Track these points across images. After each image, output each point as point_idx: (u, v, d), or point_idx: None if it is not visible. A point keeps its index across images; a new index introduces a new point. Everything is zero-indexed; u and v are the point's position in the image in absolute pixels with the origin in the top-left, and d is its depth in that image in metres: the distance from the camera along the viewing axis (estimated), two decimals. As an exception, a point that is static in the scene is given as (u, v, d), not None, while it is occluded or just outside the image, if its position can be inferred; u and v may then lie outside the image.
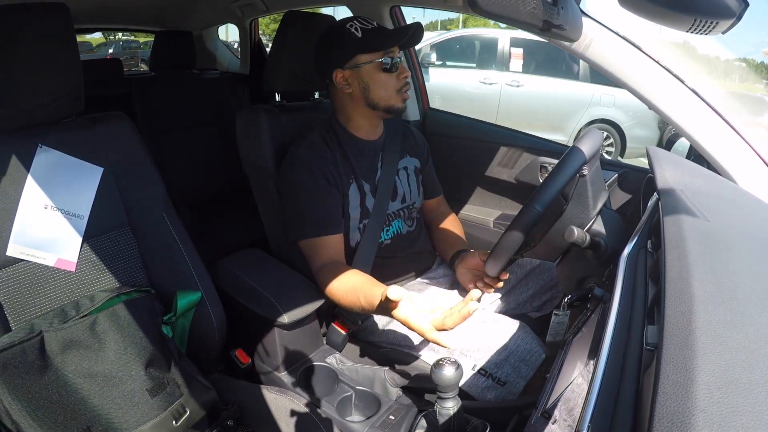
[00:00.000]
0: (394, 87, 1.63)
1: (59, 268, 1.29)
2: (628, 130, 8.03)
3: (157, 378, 1.25)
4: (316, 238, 1.59)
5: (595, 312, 1.07)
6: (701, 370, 0.49)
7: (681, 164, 1.45)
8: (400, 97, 1.65)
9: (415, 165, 1.90)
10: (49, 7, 1.25)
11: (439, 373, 1.05)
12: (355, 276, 1.48)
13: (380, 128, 1.80)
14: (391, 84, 1.63)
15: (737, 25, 1.00)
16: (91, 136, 1.41)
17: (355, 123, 1.72)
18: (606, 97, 7.95)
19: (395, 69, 1.62)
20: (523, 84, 8.13)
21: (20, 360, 1.08)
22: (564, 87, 8.15)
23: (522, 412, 1.21)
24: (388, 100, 1.64)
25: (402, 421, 1.39)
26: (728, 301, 0.63)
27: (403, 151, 1.87)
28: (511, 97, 8.13)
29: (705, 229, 0.91)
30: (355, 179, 1.69)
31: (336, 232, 1.62)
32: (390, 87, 1.63)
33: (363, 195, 1.70)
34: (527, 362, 1.44)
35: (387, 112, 1.67)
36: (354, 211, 1.68)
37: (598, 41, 1.56)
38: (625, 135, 8.03)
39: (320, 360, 1.63)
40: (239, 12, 3.27)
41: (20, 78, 1.23)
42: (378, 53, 1.59)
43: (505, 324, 1.55)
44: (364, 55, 1.60)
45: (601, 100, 8.00)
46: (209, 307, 1.46)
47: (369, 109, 1.67)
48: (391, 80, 1.62)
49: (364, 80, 1.62)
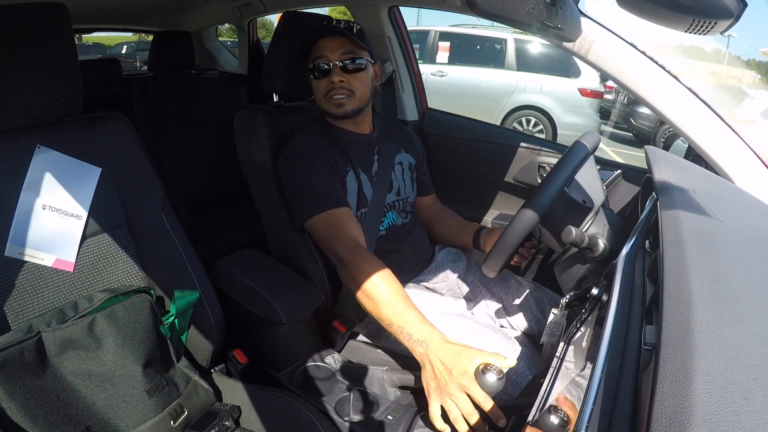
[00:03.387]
0: (322, 92, 1.67)
1: (57, 268, 1.29)
2: (558, 117, 8.42)
3: (155, 378, 1.26)
4: (329, 212, 1.55)
5: (594, 312, 1.07)
6: (699, 370, 0.49)
7: (679, 164, 1.46)
8: (330, 102, 1.66)
9: (410, 162, 1.91)
10: (48, 8, 1.25)
11: (482, 378, 1.12)
12: (399, 286, 1.39)
13: (366, 124, 1.81)
14: (319, 89, 1.67)
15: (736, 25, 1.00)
16: (90, 137, 1.41)
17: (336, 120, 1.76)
18: (532, 84, 8.46)
19: (321, 75, 1.65)
20: (447, 74, 8.76)
21: (18, 360, 1.08)
22: (489, 75, 8.73)
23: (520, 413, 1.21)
24: (321, 105, 1.70)
25: (400, 421, 1.39)
26: (726, 300, 0.63)
27: (399, 147, 1.88)
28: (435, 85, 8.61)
29: (703, 228, 0.91)
30: (351, 168, 1.70)
31: (346, 205, 1.59)
32: (318, 92, 1.68)
33: (360, 184, 1.70)
34: (513, 382, 1.43)
35: (331, 117, 1.72)
36: (351, 198, 1.68)
37: (599, 43, 1.57)
38: (555, 121, 8.44)
39: (318, 360, 1.63)
40: (237, 12, 3.26)
41: (19, 78, 1.23)
42: (309, 58, 1.66)
43: (494, 339, 1.54)
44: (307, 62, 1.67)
45: (526, 86, 8.51)
46: (207, 307, 1.46)
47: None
48: (320, 85, 1.67)
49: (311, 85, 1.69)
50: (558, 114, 8.41)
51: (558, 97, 8.39)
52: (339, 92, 1.64)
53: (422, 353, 1.24)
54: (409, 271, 1.84)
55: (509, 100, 8.62)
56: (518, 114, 8.64)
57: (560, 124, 8.40)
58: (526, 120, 8.62)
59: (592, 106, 8.36)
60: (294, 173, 1.62)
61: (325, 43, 1.63)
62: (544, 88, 8.42)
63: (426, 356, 1.23)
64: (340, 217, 1.55)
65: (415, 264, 1.88)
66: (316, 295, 1.61)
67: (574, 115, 8.36)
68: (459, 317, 1.64)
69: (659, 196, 1.12)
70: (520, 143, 2.34)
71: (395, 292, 1.35)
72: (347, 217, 1.56)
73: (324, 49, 1.62)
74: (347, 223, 1.55)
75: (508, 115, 8.68)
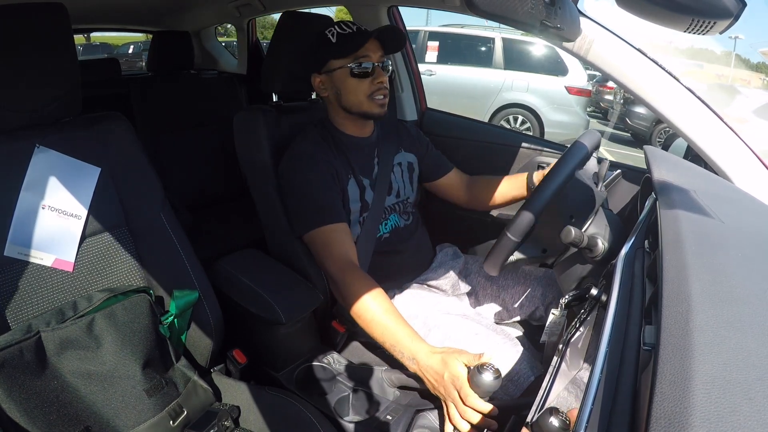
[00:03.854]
0: (365, 92, 1.64)
1: (57, 268, 1.29)
2: (545, 114, 8.51)
3: (155, 378, 1.26)
4: (324, 227, 1.58)
5: (593, 312, 1.07)
6: (698, 370, 0.49)
7: (678, 164, 1.46)
8: (374, 102, 1.66)
9: (410, 161, 1.91)
10: (47, 8, 1.25)
11: (478, 378, 1.14)
12: (389, 304, 1.44)
13: (369, 127, 1.81)
14: (361, 89, 1.64)
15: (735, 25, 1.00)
16: (89, 137, 1.41)
17: (341, 123, 1.75)
18: (519, 83, 8.57)
19: (367, 74, 1.63)
20: (435, 72, 8.86)
21: (17, 360, 1.08)
22: (476, 74, 8.83)
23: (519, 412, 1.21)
24: (360, 106, 1.67)
25: (399, 420, 1.39)
26: (726, 300, 0.63)
27: (399, 147, 1.89)
28: (424, 84, 8.61)
29: (702, 228, 0.91)
30: (353, 174, 1.70)
31: (342, 220, 1.61)
32: (360, 92, 1.65)
33: (362, 189, 1.71)
34: (515, 382, 1.45)
35: (363, 117, 1.70)
36: (354, 204, 1.69)
37: (599, 43, 1.57)
38: (542, 119, 8.53)
39: (318, 360, 1.63)
40: (237, 12, 3.26)
41: (18, 78, 1.23)
42: (348, 58, 1.61)
43: (496, 341, 1.55)
44: (336, 61, 1.63)
45: (513, 85, 8.60)
46: (206, 307, 1.47)
47: (346, 113, 1.70)
48: (362, 85, 1.64)
49: (336, 85, 1.66)
50: (545, 112, 8.50)
51: (545, 95, 8.48)
52: (382, 92, 1.66)
53: (415, 369, 1.31)
54: (412, 272, 1.87)
55: (496, 98, 8.72)
56: (505, 112, 8.76)
57: (547, 122, 8.49)
58: (514, 118, 8.73)
59: (579, 103, 8.43)
60: (295, 179, 1.63)
61: (370, 44, 1.63)
62: (531, 86, 8.51)
63: (419, 371, 1.30)
64: (332, 235, 1.58)
65: (418, 264, 1.90)
66: (316, 295, 1.61)
67: (561, 113, 8.45)
68: (462, 318, 1.65)
69: (658, 196, 1.11)
70: (520, 143, 2.34)
71: (385, 311, 1.40)
72: (340, 234, 1.59)
73: (368, 50, 1.63)
74: (339, 241, 1.57)
75: (496, 113, 8.79)
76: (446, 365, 1.23)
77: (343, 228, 1.60)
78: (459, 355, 1.23)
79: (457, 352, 1.25)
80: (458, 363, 1.22)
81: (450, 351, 1.26)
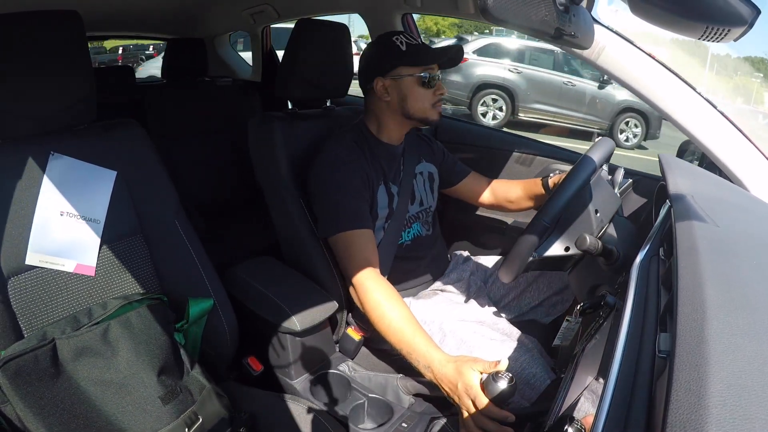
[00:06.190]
0: (430, 101, 1.70)
1: (79, 273, 1.30)
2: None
3: (170, 385, 1.26)
4: (351, 232, 1.59)
5: (608, 320, 1.06)
6: (714, 378, 0.49)
7: (693, 171, 1.45)
8: (435, 110, 1.73)
9: (430, 171, 1.93)
10: (62, 15, 1.26)
11: (493, 386, 1.14)
12: (407, 311, 1.45)
13: (402, 136, 1.84)
14: (427, 98, 1.70)
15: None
16: (103, 144, 1.42)
17: (385, 129, 1.77)
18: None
19: (433, 84, 1.69)
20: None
21: (33, 367, 1.09)
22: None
23: (535, 420, 1.21)
24: (423, 112, 1.71)
25: (414, 428, 1.39)
26: (741, 308, 0.63)
27: (420, 157, 1.91)
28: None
29: (717, 236, 0.91)
30: (384, 181, 1.73)
31: (368, 227, 1.62)
32: (426, 100, 1.70)
33: (391, 197, 1.74)
34: (531, 386, 1.45)
35: (421, 122, 1.75)
36: (382, 211, 1.71)
37: (610, 49, 1.57)
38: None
39: (333, 367, 1.63)
40: (251, 19, 3.27)
41: (33, 85, 1.24)
42: (418, 68, 1.66)
43: (511, 345, 1.56)
44: (405, 68, 1.66)
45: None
46: (221, 315, 1.47)
47: (403, 118, 1.73)
48: (428, 94, 1.70)
49: (402, 91, 1.68)
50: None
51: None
52: (441, 102, 1.74)
53: (431, 377, 1.31)
54: (429, 279, 1.91)
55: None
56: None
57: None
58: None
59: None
60: (327, 182, 1.64)
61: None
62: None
63: (434, 379, 1.30)
64: (357, 240, 1.59)
65: (435, 272, 1.93)
66: (330, 303, 1.62)
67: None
68: (478, 324, 1.67)
69: (673, 204, 1.11)
70: (534, 150, 2.34)
71: (403, 318, 1.42)
72: (365, 239, 1.60)
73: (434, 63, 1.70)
74: (363, 247, 1.58)
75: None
76: (460, 374, 1.23)
77: (369, 234, 1.61)
78: (474, 364, 1.24)
79: (471, 361, 1.25)
80: (472, 372, 1.22)
81: (464, 359, 1.26)
